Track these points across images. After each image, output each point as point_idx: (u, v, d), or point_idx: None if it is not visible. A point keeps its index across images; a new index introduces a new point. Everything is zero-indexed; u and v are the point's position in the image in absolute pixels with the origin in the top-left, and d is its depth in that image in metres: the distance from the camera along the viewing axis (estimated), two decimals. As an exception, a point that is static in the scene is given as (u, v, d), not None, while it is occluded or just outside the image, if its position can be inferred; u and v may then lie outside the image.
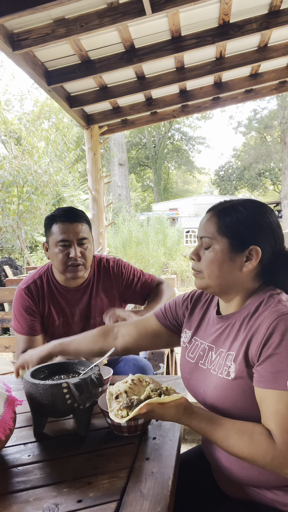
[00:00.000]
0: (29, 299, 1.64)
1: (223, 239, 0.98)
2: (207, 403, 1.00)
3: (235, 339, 0.96)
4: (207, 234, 1.01)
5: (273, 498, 0.93)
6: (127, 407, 0.90)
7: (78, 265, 1.57)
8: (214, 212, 1.02)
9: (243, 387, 0.91)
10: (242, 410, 0.91)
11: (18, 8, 2.26)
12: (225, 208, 1.01)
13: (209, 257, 1.00)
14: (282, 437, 0.81)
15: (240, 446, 0.85)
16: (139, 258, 9.46)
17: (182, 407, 0.89)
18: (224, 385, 0.94)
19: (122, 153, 18.68)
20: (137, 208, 19.52)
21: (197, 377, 1.05)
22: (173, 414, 0.88)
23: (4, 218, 8.90)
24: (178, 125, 30.94)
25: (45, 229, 1.62)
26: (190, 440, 2.50)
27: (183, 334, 1.17)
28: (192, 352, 1.10)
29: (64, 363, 1.19)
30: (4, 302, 2.46)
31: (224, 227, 0.98)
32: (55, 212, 1.61)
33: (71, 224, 1.56)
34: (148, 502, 0.78)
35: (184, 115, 4.91)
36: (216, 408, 0.97)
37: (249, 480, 0.94)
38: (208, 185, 39.55)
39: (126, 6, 2.57)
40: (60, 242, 1.55)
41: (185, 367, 1.11)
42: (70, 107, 3.94)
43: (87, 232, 1.61)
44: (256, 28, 3.09)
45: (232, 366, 0.94)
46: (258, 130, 26.55)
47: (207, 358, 1.03)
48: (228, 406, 0.93)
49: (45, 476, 0.89)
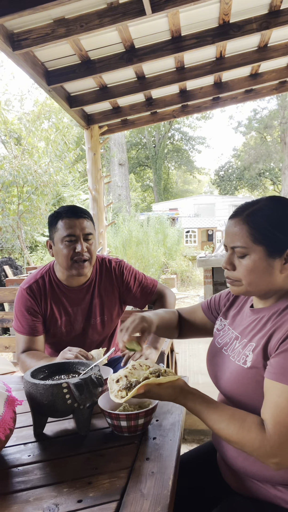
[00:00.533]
0: (31, 299, 1.64)
1: (258, 247, 0.96)
2: (220, 387, 1.04)
3: (259, 332, 0.98)
4: (240, 244, 0.97)
5: (276, 495, 0.94)
6: (126, 388, 0.94)
7: (84, 261, 1.58)
8: (241, 218, 0.98)
9: (256, 377, 0.93)
10: (252, 399, 0.93)
11: (18, 8, 2.26)
12: (253, 213, 0.97)
13: (247, 266, 0.97)
14: (274, 428, 0.84)
15: (230, 430, 0.88)
16: (139, 258, 9.45)
17: (179, 388, 0.94)
18: (239, 372, 0.97)
19: (122, 153, 18.67)
20: (137, 208, 19.51)
21: (217, 361, 1.09)
22: (170, 394, 0.93)
23: (4, 218, 8.90)
24: (178, 125, 30.96)
25: (50, 226, 1.62)
26: (190, 440, 2.50)
27: (217, 322, 1.20)
28: (221, 338, 1.13)
29: (64, 363, 1.19)
30: (4, 302, 2.46)
31: (258, 235, 0.95)
32: (59, 209, 1.62)
33: (77, 219, 1.57)
34: (148, 502, 0.78)
35: (184, 115, 4.91)
36: (228, 393, 1.00)
37: (254, 474, 0.96)
38: (208, 185, 39.55)
39: (126, 6, 2.57)
40: (66, 237, 1.55)
41: (211, 350, 1.16)
42: (70, 107, 3.94)
43: (92, 228, 1.63)
44: (256, 28, 3.09)
45: (250, 355, 0.96)
46: (258, 130, 26.56)
47: (231, 346, 1.06)
48: (239, 392, 0.96)
49: (45, 476, 0.89)
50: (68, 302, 1.67)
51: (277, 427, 0.83)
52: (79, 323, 1.69)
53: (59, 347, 1.59)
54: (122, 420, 1.00)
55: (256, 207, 0.98)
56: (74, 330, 1.69)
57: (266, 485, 0.95)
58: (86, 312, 1.70)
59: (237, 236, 0.98)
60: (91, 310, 1.70)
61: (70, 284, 1.67)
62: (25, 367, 1.52)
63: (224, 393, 1.02)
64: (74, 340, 1.70)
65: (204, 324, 1.30)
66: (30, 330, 1.62)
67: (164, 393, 0.92)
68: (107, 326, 1.75)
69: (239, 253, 0.98)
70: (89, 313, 1.70)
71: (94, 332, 1.72)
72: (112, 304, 1.73)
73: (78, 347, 1.44)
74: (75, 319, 1.69)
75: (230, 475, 1.04)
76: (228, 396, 1.00)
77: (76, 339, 1.70)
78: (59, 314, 1.67)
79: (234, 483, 1.04)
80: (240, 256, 0.99)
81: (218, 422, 0.90)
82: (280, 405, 0.84)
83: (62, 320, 1.67)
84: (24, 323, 1.63)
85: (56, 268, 1.69)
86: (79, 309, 1.68)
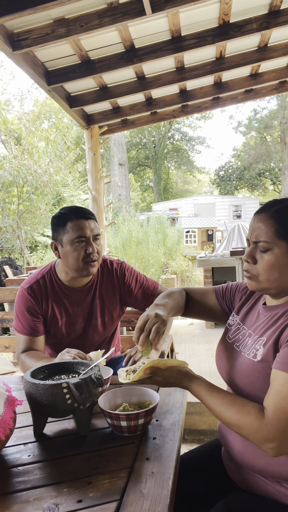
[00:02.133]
0: (31, 299, 1.63)
1: (282, 243, 0.97)
2: (229, 381, 1.06)
3: (271, 327, 0.99)
4: (264, 238, 0.98)
5: (280, 491, 0.94)
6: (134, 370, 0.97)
7: (94, 261, 1.59)
8: (269, 213, 0.99)
9: (266, 370, 0.94)
10: (261, 392, 0.94)
11: (18, 8, 2.25)
12: (281, 209, 0.99)
13: (269, 261, 0.98)
14: (273, 413, 0.85)
15: (230, 413, 0.90)
16: (139, 258, 9.44)
17: (184, 372, 0.96)
18: (249, 365, 0.98)
19: (122, 153, 18.67)
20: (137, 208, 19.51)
21: (227, 356, 1.10)
22: (175, 376, 0.95)
23: (4, 218, 8.89)
24: (178, 125, 30.95)
25: (56, 228, 1.61)
26: (190, 440, 2.50)
27: (231, 317, 1.21)
28: (233, 334, 1.14)
29: (64, 363, 1.19)
30: (4, 302, 2.46)
31: (284, 230, 0.97)
32: (64, 210, 1.61)
33: (86, 220, 1.57)
34: (148, 502, 0.78)
35: (184, 115, 4.91)
36: (237, 386, 1.01)
37: (261, 469, 0.96)
38: (208, 185, 39.53)
39: (126, 6, 2.57)
40: (76, 238, 1.55)
41: (221, 345, 1.16)
42: (70, 107, 3.94)
43: (98, 228, 1.64)
44: (256, 28, 3.09)
45: (261, 349, 0.97)
46: (258, 130, 26.56)
47: (243, 342, 1.07)
48: (248, 385, 0.97)
49: (45, 476, 0.89)
50: (69, 303, 1.67)
51: (277, 412, 0.85)
52: (79, 324, 1.69)
53: (59, 348, 1.59)
54: (122, 420, 1.00)
55: (284, 205, 1.00)
56: (75, 331, 1.69)
57: (272, 481, 0.96)
58: (87, 313, 1.69)
59: (262, 231, 0.99)
60: (92, 311, 1.70)
61: (72, 285, 1.67)
62: (25, 367, 1.52)
63: (233, 386, 1.04)
64: (75, 341, 1.70)
65: (213, 308, 1.28)
66: (31, 330, 1.62)
67: (169, 375, 0.94)
68: (108, 327, 1.75)
69: (262, 248, 0.99)
70: (90, 314, 1.70)
71: (94, 333, 1.72)
72: (113, 305, 1.73)
73: (79, 348, 1.44)
74: (75, 320, 1.68)
75: (235, 470, 1.05)
76: (237, 390, 1.01)
77: (77, 340, 1.70)
78: (59, 315, 1.66)
79: (238, 479, 1.04)
80: (262, 251, 1.00)
81: (219, 406, 0.92)
82: (282, 393, 0.85)
83: (62, 320, 1.67)
84: (24, 323, 1.62)
85: (58, 268, 1.68)
86: (80, 310, 1.68)
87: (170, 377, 0.94)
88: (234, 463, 1.04)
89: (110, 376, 1.27)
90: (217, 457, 1.16)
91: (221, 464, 1.13)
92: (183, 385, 0.96)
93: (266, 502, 0.96)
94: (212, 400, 0.94)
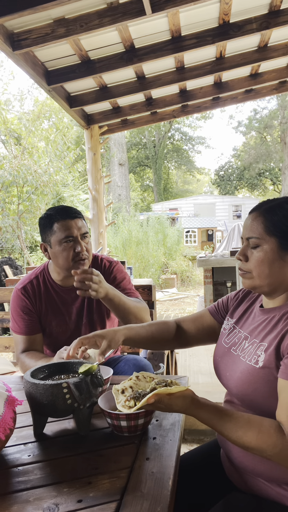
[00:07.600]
0: (25, 299, 1.65)
1: (271, 239, 0.99)
2: (230, 387, 1.04)
3: (271, 332, 0.99)
4: (254, 234, 1.01)
5: (281, 493, 0.94)
6: (134, 397, 0.93)
7: (84, 259, 1.59)
8: (259, 212, 1.02)
9: (268, 377, 0.93)
10: (263, 399, 0.93)
11: (18, 8, 2.26)
12: (271, 208, 1.01)
13: (258, 256, 1.00)
14: None
15: (249, 437, 0.85)
16: (139, 258, 9.45)
17: (189, 398, 0.90)
18: (250, 372, 0.97)
19: (122, 153, 18.67)
20: (137, 208, 19.51)
21: (226, 361, 1.09)
22: (181, 404, 0.89)
23: (4, 218, 8.89)
24: (178, 125, 30.93)
25: (44, 230, 1.62)
26: (190, 440, 2.50)
27: (225, 321, 1.20)
28: (229, 338, 1.13)
29: (64, 363, 1.19)
30: (4, 302, 2.46)
31: (272, 227, 0.99)
32: (51, 211, 1.61)
33: (73, 220, 1.58)
34: (148, 502, 0.78)
35: (184, 115, 4.92)
36: (238, 393, 1.00)
37: (262, 472, 0.96)
38: (208, 185, 39.53)
39: (126, 6, 2.57)
40: (64, 239, 1.56)
41: (218, 351, 1.15)
42: (70, 107, 3.94)
43: (86, 226, 1.64)
44: (256, 28, 3.09)
45: (262, 355, 0.96)
46: (258, 130, 26.56)
47: (240, 345, 1.07)
48: (249, 392, 0.96)
49: (45, 476, 0.89)
50: (61, 302, 1.69)
51: None
52: (73, 322, 1.71)
53: (55, 347, 1.60)
54: (122, 420, 1.00)
55: (276, 203, 1.02)
56: (69, 329, 1.70)
57: (272, 484, 0.95)
58: (78, 311, 1.71)
59: (252, 227, 1.02)
60: (83, 309, 1.71)
61: (65, 284, 1.68)
62: (25, 367, 1.53)
63: (234, 393, 1.02)
64: (70, 339, 1.70)
65: (213, 328, 1.28)
66: (27, 330, 1.63)
67: (175, 403, 0.88)
68: (100, 325, 1.75)
69: (252, 244, 1.02)
70: (81, 312, 1.71)
71: (87, 331, 1.72)
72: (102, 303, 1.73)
73: None
74: (69, 319, 1.70)
75: (234, 472, 1.04)
76: (238, 396, 1.00)
77: (71, 338, 1.70)
78: (53, 314, 1.68)
79: (237, 480, 1.04)
80: (253, 247, 1.02)
81: (234, 431, 0.87)
82: None
83: (56, 320, 1.69)
84: (20, 323, 1.64)
85: (50, 268, 1.70)
86: (73, 309, 1.70)
87: (176, 406, 0.89)
88: (233, 466, 1.04)
89: (110, 376, 1.27)
90: (217, 457, 1.16)
91: (221, 464, 1.13)
92: (189, 412, 0.91)
93: (267, 503, 0.96)
94: (225, 426, 0.88)
